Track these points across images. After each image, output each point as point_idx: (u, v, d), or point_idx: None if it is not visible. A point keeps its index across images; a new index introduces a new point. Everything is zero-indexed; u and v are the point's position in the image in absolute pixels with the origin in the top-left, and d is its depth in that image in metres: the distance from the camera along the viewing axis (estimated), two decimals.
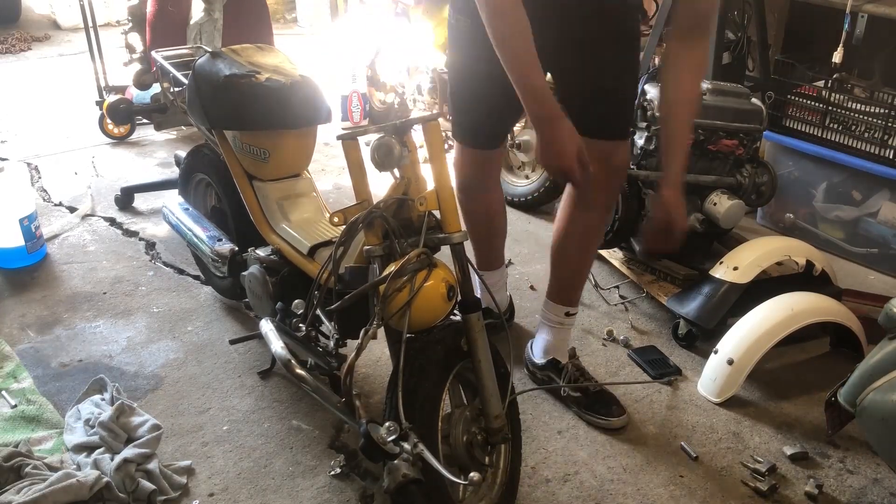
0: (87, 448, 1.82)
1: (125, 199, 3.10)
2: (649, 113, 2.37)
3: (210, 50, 2.17)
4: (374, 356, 2.21)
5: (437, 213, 1.51)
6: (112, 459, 1.74)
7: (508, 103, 1.66)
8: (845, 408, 1.71)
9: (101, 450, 1.79)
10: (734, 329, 2.12)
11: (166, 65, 2.39)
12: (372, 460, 1.44)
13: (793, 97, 2.86)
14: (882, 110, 2.64)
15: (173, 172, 3.18)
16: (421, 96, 3.55)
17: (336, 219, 1.56)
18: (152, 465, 1.76)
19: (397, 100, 3.72)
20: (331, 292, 1.58)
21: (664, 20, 3.08)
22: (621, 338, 2.35)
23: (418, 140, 1.53)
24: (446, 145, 2.67)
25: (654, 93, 2.39)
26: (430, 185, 1.50)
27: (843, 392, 1.73)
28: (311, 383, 1.62)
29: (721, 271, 2.30)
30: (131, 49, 3.21)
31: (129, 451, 1.76)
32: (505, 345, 1.67)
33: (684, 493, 1.80)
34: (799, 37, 3.31)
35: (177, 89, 2.37)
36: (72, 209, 3.07)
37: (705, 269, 2.38)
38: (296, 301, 1.76)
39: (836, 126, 2.77)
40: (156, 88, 3.15)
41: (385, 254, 1.51)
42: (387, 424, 1.38)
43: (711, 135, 2.42)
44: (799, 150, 2.87)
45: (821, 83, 2.81)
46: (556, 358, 2.09)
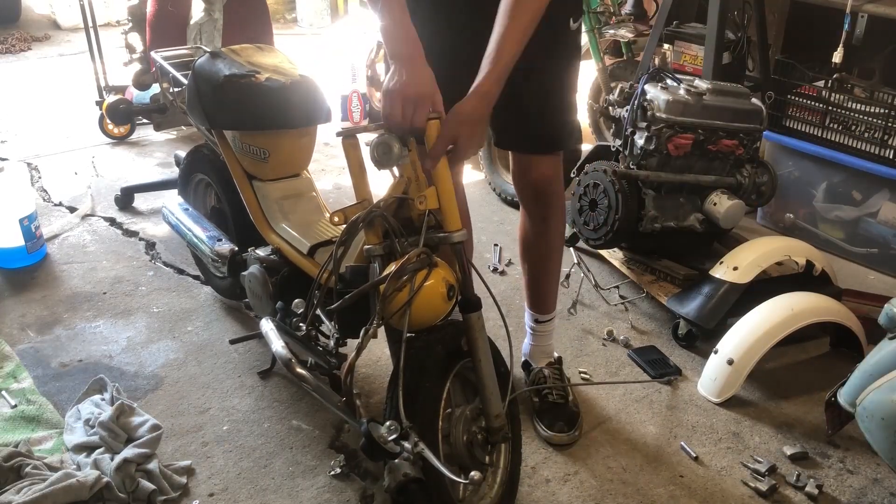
0: (87, 448, 1.82)
1: (125, 199, 3.10)
2: (649, 113, 2.37)
3: (210, 50, 2.18)
4: (375, 356, 2.21)
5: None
6: (112, 459, 1.74)
7: (468, 81, 1.50)
8: (845, 408, 1.71)
9: (101, 450, 1.79)
10: (734, 329, 2.12)
11: (166, 65, 2.40)
12: (373, 459, 1.44)
13: (793, 97, 2.86)
14: (882, 110, 2.64)
15: (173, 172, 3.18)
16: None
17: (336, 218, 1.56)
18: (152, 465, 1.76)
19: None
20: (331, 292, 1.58)
21: (664, 20, 3.09)
22: (621, 338, 2.35)
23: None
24: None
25: (654, 93, 2.39)
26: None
27: (843, 392, 1.73)
28: (312, 383, 1.62)
29: (721, 271, 2.30)
30: (131, 49, 3.21)
31: (129, 451, 1.76)
32: (505, 345, 1.67)
33: (684, 493, 1.80)
34: (799, 37, 3.32)
35: (176, 89, 2.37)
36: (72, 209, 3.07)
37: (705, 269, 2.38)
38: (296, 301, 1.75)
39: (836, 126, 2.77)
40: (155, 88, 3.14)
41: (385, 253, 1.51)
42: (387, 424, 1.38)
43: (711, 135, 2.41)
44: (799, 150, 2.87)
45: (821, 83, 2.81)
46: (529, 360, 2.10)
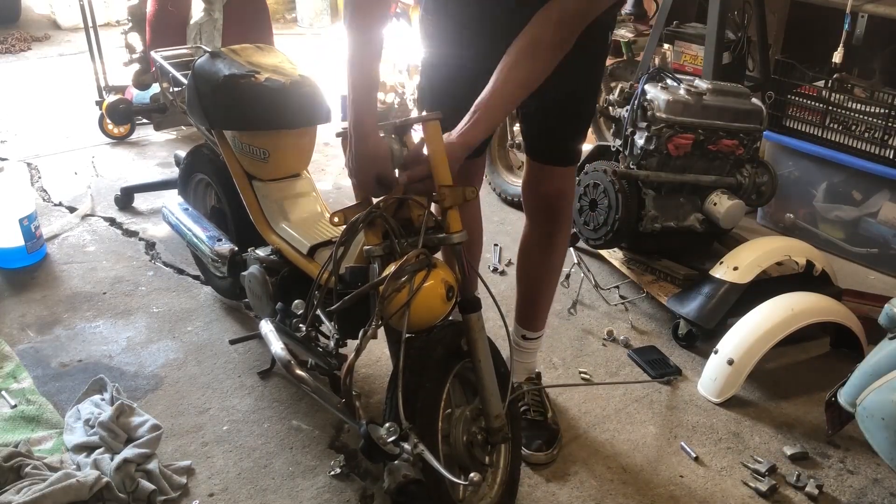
0: (86, 448, 1.82)
1: (125, 199, 3.10)
2: (649, 113, 2.37)
3: (209, 50, 2.17)
4: (374, 356, 2.21)
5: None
6: (112, 459, 1.74)
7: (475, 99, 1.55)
8: (845, 408, 1.71)
9: (100, 450, 1.79)
10: (734, 329, 2.12)
11: (166, 65, 2.39)
12: (372, 461, 1.44)
13: (793, 97, 2.86)
14: (882, 110, 2.64)
15: (173, 172, 3.17)
16: None
17: (336, 219, 1.55)
18: (152, 466, 1.76)
19: (397, 100, 3.71)
20: (331, 292, 1.58)
21: (664, 20, 3.08)
22: (621, 338, 2.35)
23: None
24: None
25: (654, 93, 2.39)
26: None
27: (843, 392, 1.73)
28: (311, 384, 1.62)
29: (721, 271, 2.30)
30: (131, 49, 3.21)
31: (128, 452, 1.76)
32: (505, 345, 1.67)
33: (684, 493, 1.80)
34: (799, 37, 3.32)
35: (176, 89, 2.37)
36: (72, 209, 3.07)
37: (705, 269, 2.39)
38: (296, 301, 1.75)
39: (836, 126, 2.77)
40: (155, 88, 3.14)
41: (385, 254, 1.51)
42: (387, 425, 1.38)
43: (711, 135, 2.41)
44: (799, 150, 2.87)
45: (821, 83, 2.81)
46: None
